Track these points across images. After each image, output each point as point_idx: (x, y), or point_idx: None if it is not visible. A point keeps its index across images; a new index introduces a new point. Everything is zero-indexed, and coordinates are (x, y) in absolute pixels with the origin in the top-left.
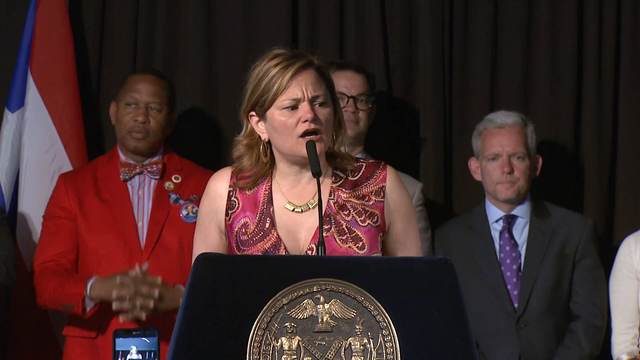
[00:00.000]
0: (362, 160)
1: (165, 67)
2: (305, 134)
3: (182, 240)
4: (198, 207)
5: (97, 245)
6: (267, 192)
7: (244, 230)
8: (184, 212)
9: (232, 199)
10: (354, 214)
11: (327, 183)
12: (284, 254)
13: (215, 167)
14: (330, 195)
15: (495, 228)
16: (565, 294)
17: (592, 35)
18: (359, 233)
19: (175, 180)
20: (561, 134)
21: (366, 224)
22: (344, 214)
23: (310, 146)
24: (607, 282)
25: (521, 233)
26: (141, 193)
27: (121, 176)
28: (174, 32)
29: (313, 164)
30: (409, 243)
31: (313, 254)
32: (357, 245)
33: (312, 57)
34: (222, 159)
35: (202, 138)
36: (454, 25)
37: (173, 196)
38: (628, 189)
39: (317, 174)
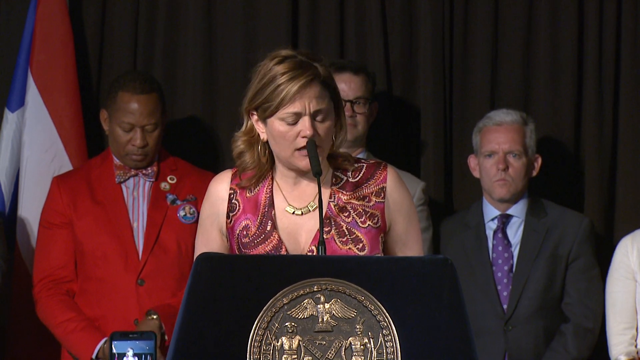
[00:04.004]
0: (363, 160)
1: (165, 67)
2: (302, 148)
3: (179, 241)
4: (195, 207)
5: (93, 247)
6: (268, 195)
7: (245, 232)
8: (181, 213)
9: (233, 201)
10: (354, 215)
11: (327, 185)
12: None
13: (214, 169)
14: (330, 198)
15: (491, 227)
16: (557, 296)
17: (593, 35)
18: (359, 234)
19: (170, 181)
20: (561, 133)
21: (366, 225)
22: (344, 216)
23: (311, 145)
24: (604, 282)
25: (515, 233)
26: (136, 194)
27: (116, 179)
28: (174, 32)
29: (314, 164)
30: (410, 243)
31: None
32: (357, 246)
33: (318, 65)
34: (222, 161)
35: (202, 140)
36: (454, 24)
37: (170, 197)
38: (628, 188)
39: (317, 174)
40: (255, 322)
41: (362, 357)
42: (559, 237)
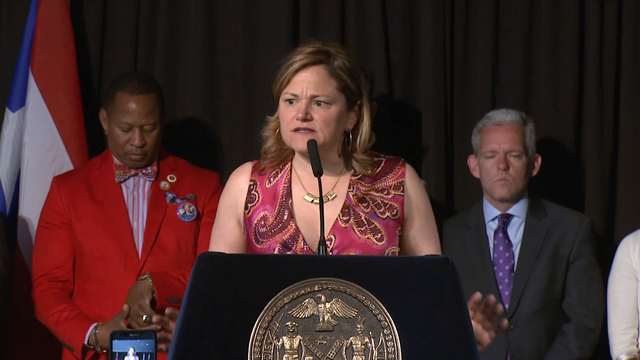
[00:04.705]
0: (382, 155)
1: (165, 67)
2: (296, 129)
3: (179, 240)
4: (195, 205)
5: (93, 247)
6: (286, 185)
7: (262, 222)
8: (181, 211)
9: (253, 192)
10: (373, 206)
11: (346, 176)
12: (302, 245)
13: (214, 169)
14: (349, 188)
15: (491, 227)
16: (559, 295)
17: (593, 35)
18: (377, 225)
19: (170, 180)
20: (562, 133)
21: (385, 216)
22: (363, 206)
23: (312, 145)
24: (605, 281)
25: (516, 232)
26: (136, 194)
27: (116, 179)
28: (175, 32)
29: (314, 163)
30: (427, 239)
31: (332, 244)
32: (376, 236)
33: (338, 57)
34: (222, 161)
35: (202, 140)
36: (455, 24)
37: (170, 195)
38: (629, 187)
39: (318, 174)
40: (256, 322)
41: (363, 357)
42: (559, 237)
